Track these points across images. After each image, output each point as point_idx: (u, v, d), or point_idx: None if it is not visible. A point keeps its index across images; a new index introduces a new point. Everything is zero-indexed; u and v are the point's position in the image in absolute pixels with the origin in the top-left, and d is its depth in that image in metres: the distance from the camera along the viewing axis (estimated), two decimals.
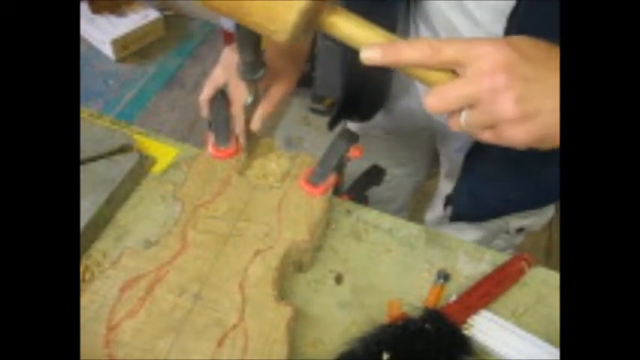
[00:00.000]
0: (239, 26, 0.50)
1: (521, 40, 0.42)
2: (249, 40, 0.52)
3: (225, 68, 0.64)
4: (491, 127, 0.43)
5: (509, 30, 0.55)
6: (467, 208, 0.82)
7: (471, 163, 0.75)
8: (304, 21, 0.43)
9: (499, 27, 0.56)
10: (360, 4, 0.54)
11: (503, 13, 0.55)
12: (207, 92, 0.66)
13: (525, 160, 0.70)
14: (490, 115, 0.42)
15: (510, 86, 0.40)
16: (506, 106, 0.41)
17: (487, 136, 0.44)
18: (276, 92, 0.64)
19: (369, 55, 0.43)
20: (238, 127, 0.64)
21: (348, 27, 0.45)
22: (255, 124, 0.63)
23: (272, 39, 0.44)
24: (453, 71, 0.43)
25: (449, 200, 0.85)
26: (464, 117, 0.44)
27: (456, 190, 0.81)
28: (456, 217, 0.84)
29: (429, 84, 0.45)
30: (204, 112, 0.67)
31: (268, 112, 0.63)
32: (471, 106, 0.43)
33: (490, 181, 0.76)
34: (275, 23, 0.42)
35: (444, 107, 0.43)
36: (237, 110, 0.63)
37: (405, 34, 0.74)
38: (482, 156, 0.73)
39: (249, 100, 0.60)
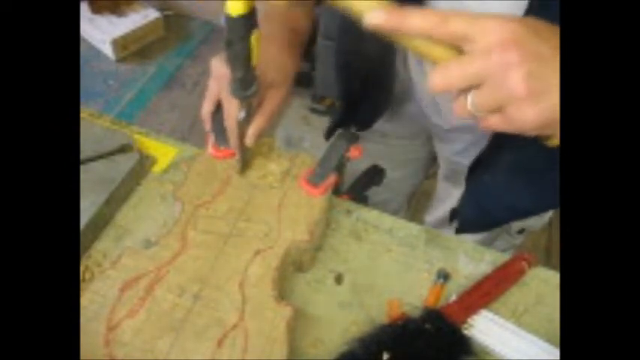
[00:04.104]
0: (229, 44, 0.50)
1: (534, 20, 0.41)
2: (240, 57, 0.51)
3: (217, 79, 0.62)
4: (500, 108, 0.41)
5: None
6: (473, 220, 0.82)
7: (475, 176, 0.75)
8: None
9: None
10: None
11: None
12: (207, 107, 0.65)
13: (531, 168, 0.70)
14: (499, 93, 0.40)
15: (521, 61, 0.39)
16: (516, 82, 0.39)
17: (494, 121, 0.42)
18: (270, 106, 0.63)
19: (373, 18, 0.41)
20: (232, 142, 0.64)
21: None
22: (250, 140, 0.62)
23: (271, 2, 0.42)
24: (458, 49, 0.41)
25: (454, 214, 0.85)
26: (471, 98, 0.41)
27: (461, 203, 0.81)
28: (462, 230, 0.83)
29: (433, 61, 0.43)
30: (208, 126, 0.67)
31: (262, 127, 0.62)
32: (478, 85, 0.41)
33: (496, 192, 0.75)
34: None
35: (449, 85, 0.41)
36: (230, 125, 0.62)
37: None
38: (487, 168, 0.72)
39: (242, 115, 0.59)
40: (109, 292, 0.55)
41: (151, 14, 2.18)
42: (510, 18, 0.40)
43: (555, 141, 0.47)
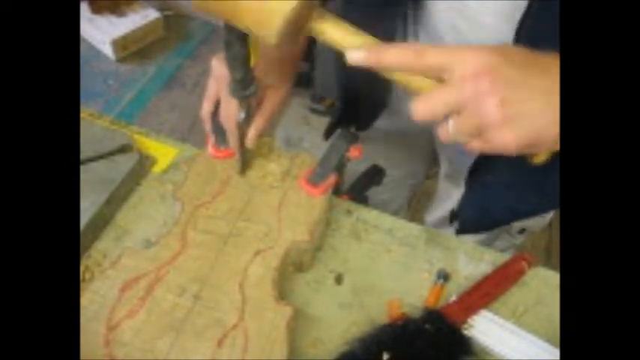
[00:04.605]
0: (228, 45, 0.50)
1: (509, 47, 0.43)
2: (238, 58, 0.52)
3: (217, 80, 0.63)
4: (479, 133, 0.43)
5: (519, 34, 0.54)
6: (474, 220, 0.82)
7: (476, 178, 0.75)
8: (291, 25, 0.43)
9: (508, 33, 0.56)
10: (356, 17, 0.54)
11: (512, 17, 0.54)
12: (207, 107, 0.65)
13: (532, 169, 0.70)
14: (476, 120, 0.42)
15: (493, 89, 0.41)
16: (490, 108, 0.41)
17: (476, 144, 0.44)
18: (269, 106, 0.64)
19: (354, 56, 0.44)
20: (232, 143, 0.64)
21: (336, 33, 0.45)
22: (250, 141, 0.63)
23: (262, 42, 0.45)
24: (439, 79, 0.44)
25: (454, 215, 0.85)
26: (450, 125, 0.44)
27: (462, 204, 0.81)
28: (462, 231, 0.83)
29: (415, 92, 0.45)
30: (208, 126, 0.67)
31: (262, 127, 0.63)
32: (457, 112, 0.43)
33: (497, 192, 0.75)
34: (263, 27, 0.43)
35: (430, 114, 0.43)
36: (230, 127, 0.62)
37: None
38: (488, 168, 0.72)
39: (242, 116, 0.59)
40: (109, 292, 0.55)
41: (151, 14, 2.18)
42: (484, 47, 0.42)
43: (539, 158, 0.50)
